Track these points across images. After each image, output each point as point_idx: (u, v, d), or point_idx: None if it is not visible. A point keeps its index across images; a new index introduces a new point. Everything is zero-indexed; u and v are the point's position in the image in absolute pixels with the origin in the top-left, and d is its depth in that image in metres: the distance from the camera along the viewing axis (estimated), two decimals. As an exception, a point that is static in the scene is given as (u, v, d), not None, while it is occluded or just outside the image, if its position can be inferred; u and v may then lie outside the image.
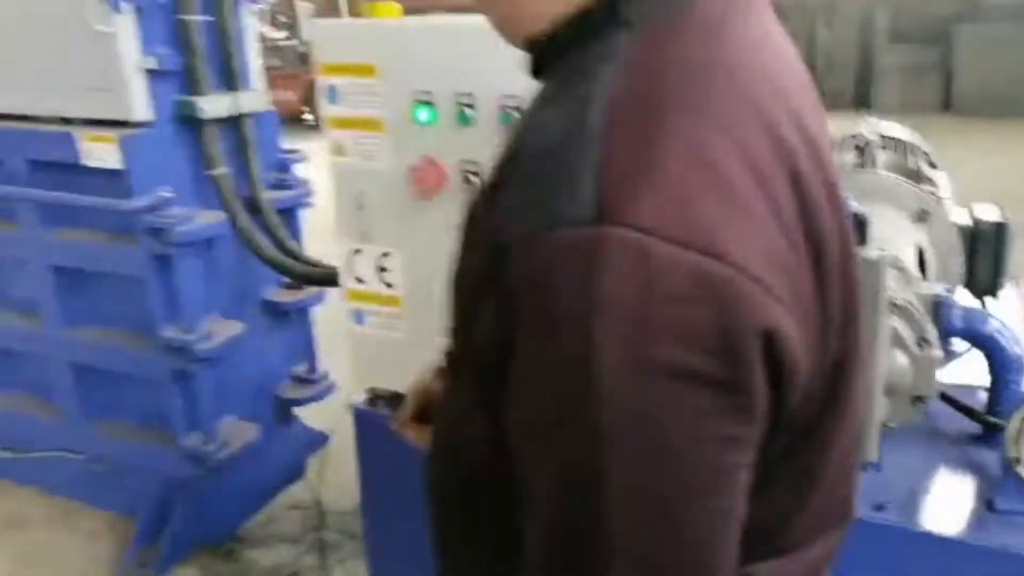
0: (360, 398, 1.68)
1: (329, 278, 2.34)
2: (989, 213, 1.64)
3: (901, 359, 1.23)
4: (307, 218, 2.70)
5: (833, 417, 0.61)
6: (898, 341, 1.22)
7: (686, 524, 0.50)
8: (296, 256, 2.46)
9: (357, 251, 1.51)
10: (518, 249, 0.49)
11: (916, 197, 1.53)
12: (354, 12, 5.96)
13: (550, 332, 0.47)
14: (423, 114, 1.32)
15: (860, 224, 1.14)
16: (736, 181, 0.49)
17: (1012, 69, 10.30)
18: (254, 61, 2.43)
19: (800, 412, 0.55)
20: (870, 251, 1.08)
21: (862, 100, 11.04)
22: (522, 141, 0.57)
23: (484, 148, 1.28)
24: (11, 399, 2.76)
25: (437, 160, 1.34)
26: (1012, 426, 1.22)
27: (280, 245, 2.45)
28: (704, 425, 0.48)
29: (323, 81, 1.39)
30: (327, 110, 1.41)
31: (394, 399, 1.58)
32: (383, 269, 1.49)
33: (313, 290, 2.70)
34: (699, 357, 0.46)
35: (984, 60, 10.50)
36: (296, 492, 2.88)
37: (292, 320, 2.75)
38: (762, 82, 0.55)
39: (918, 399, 1.24)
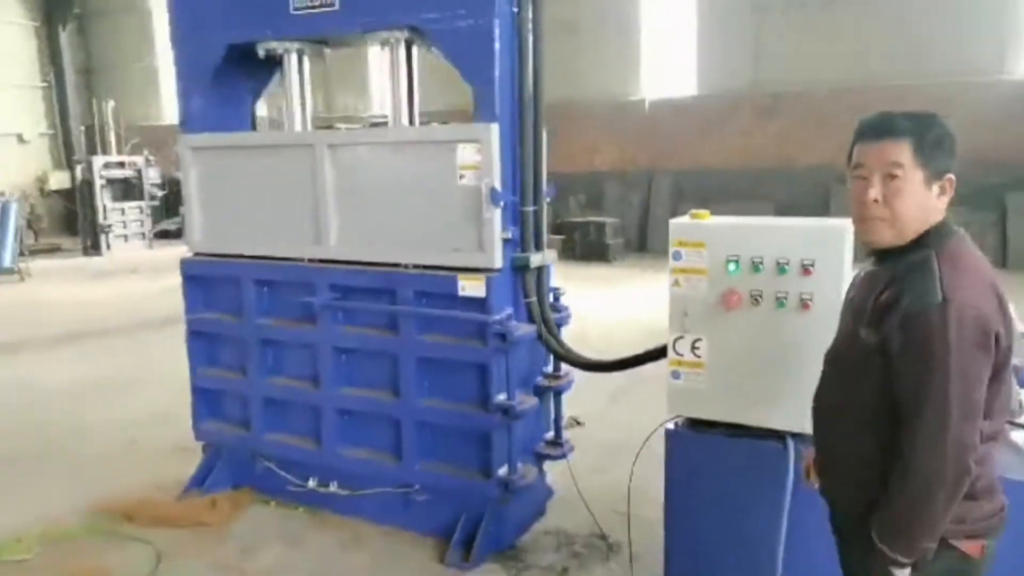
0: (671, 425, 2.95)
1: (593, 366, 3.70)
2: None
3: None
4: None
5: (1006, 366, 1.87)
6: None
7: (976, 390, 1.77)
8: (572, 352, 3.80)
9: (680, 339, 2.84)
10: (926, 312, 1.77)
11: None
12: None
13: (937, 332, 1.76)
14: (731, 267, 2.69)
15: None
16: (981, 295, 1.79)
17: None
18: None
19: (998, 360, 1.82)
20: None
21: (922, 255, 12.31)
22: (903, 281, 1.85)
23: (769, 286, 2.64)
24: (359, 450, 4.07)
25: (737, 290, 2.69)
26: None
27: (559, 347, 3.81)
28: (978, 366, 1.77)
29: (675, 250, 2.78)
30: (673, 264, 2.80)
31: (705, 424, 2.84)
32: (695, 348, 2.81)
33: (565, 380, 4.02)
34: (979, 343, 1.76)
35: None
36: (541, 524, 4.08)
37: (550, 399, 4.05)
38: (983, 265, 1.88)
39: None
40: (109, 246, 16.13)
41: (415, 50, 3.95)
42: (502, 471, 3.69)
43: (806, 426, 2.63)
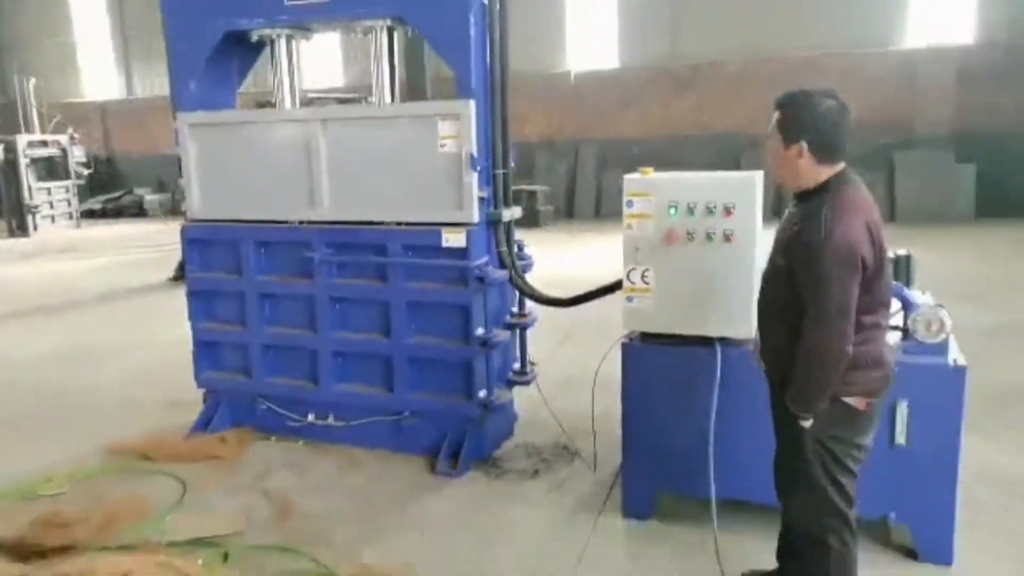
0: (628, 339, 3.69)
1: (554, 302, 4.42)
2: (902, 252, 3.75)
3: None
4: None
5: (879, 277, 2.63)
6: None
7: (848, 296, 2.52)
8: (537, 292, 4.52)
9: (632, 270, 3.57)
10: (813, 244, 2.52)
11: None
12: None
13: (820, 257, 2.52)
14: (672, 211, 3.42)
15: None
16: (856, 233, 2.52)
17: (939, 187, 12.94)
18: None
19: (868, 274, 2.57)
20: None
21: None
22: (803, 221, 2.61)
23: (700, 225, 3.39)
24: (354, 386, 4.69)
25: (676, 229, 3.43)
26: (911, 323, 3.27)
27: (527, 287, 4.52)
28: (849, 281, 2.52)
29: (628, 199, 3.50)
30: (627, 212, 3.51)
31: (653, 337, 3.59)
32: (644, 277, 3.55)
33: (529, 317, 4.72)
34: (855, 257, 2.51)
35: (917, 179, 13.15)
36: (511, 441, 4.80)
37: (516, 334, 4.76)
38: (864, 206, 2.63)
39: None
40: (36, 227, 15.94)
41: (395, 35, 4.54)
42: (482, 393, 4.39)
43: (729, 332, 3.44)
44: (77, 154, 16.87)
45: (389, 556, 3.58)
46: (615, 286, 3.93)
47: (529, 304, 4.70)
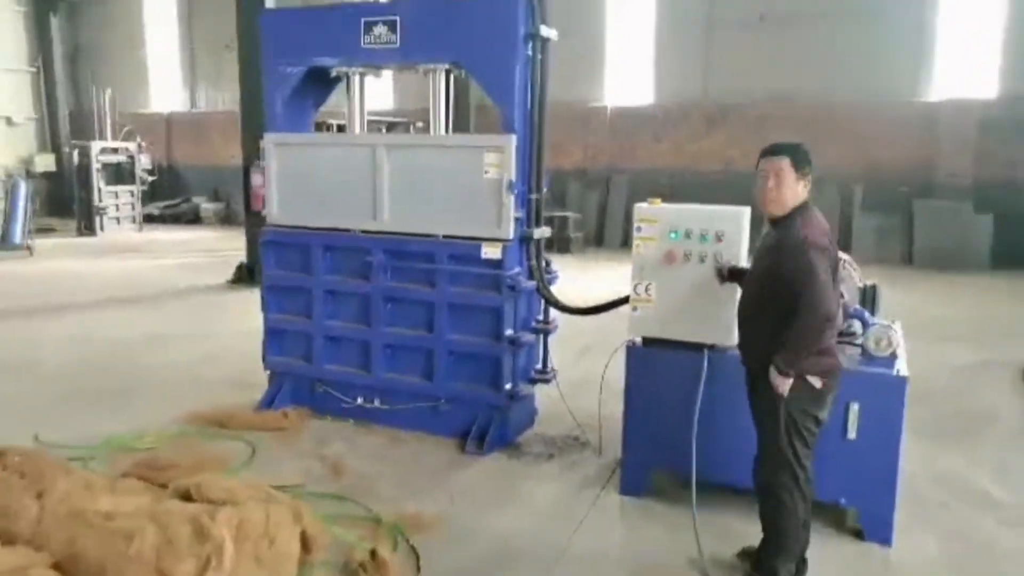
0: (632, 343, 4.42)
1: (573, 310, 5.18)
2: (870, 283, 4.45)
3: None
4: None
5: (834, 274, 3.40)
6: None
7: (827, 275, 3.30)
8: (559, 301, 5.27)
9: (638, 284, 4.32)
10: (797, 243, 3.31)
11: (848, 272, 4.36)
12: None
13: (804, 251, 3.29)
14: (672, 236, 4.17)
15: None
16: (820, 235, 3.33)
17: (956, 235, 13.48)
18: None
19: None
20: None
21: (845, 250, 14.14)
22: (786, 231, 3.39)
23: (695, 248, 4.13)
24: (399, 374, 5.47)
25: (675, 251, 4.17)
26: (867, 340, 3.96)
27: (551, 297, 5.28)
28: (825, 266, 3.30)
29: (637, 225, 4.25)
30: (636, 235, 4.27)
31: (653, 342, 4.32)
32: (648, 290, 4.29)
33: (552, 325, 5.47)
34: (820, 249, 3.29)
35: (936, 226, 13.69)
36: (531, 431, 5.53)
37: (540, 339, 5.51)
38: (821, 222, 3.41)
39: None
40: (103, 227, 17.11)
41: (451, 76, 5.38)
42: (508, 386, 5.14)
43: (716, 340, 4.16)
44: (144, 161, 18.07)
45: (424, 509, 4.33)
46: (625, 300, 4.68)
47: (553, 314, 5.45)
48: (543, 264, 5.31)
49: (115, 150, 17.73)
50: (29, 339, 8.23)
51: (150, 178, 18.41)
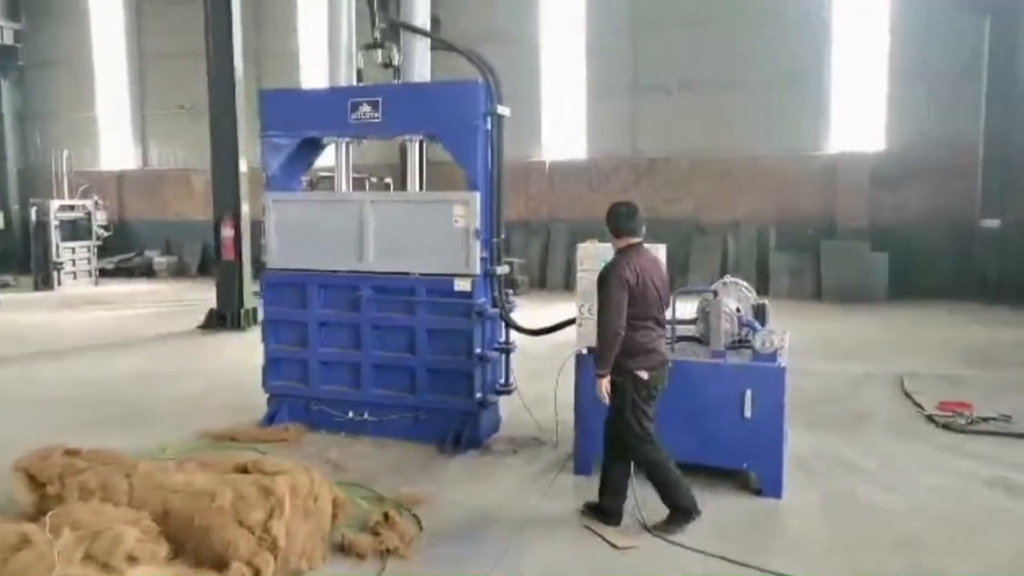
0: (579, 351, 5.58)
1: (529, 331, 6.35)
2: (757, 301, 5.74)
3: (727, 324, 5.28)
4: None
5: (644, 298, 4.67)
6: (728, 319, 5.27)
7: (619, 301, 4.57)
8: (517, 324, 6.43)
9: (582, 305, 5.50)
10: (602, 275, 4.65)
11: (744, 294, 5.63)
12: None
13: (603, 287, 4.58)
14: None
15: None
16: (630, 270, 4.61)
17: (857, 272, 15.21)
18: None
19: (635, 293, 4.62)
20: (728, 302, 5.16)
21: (761, 290, 15.73)
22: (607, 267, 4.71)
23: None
24: (386, 390, 6.50)
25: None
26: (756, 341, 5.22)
27: (510, 321, 6.43)
28: (620, 295, 4.56)
29: (580, 259, 5.45)
30: (579, 267, 5.46)
31: (592, 349, 5.49)
32: (589, 310, 5.48)
33: (512, 345, 6.60)
34: (622, 282, 4.57)
35: (839, 264, 15.41)
36: (497, 436, 6.61)
37: (503, 358, 6.63)
38: (637, 259, 4.70)
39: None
40: (60, 282, 17.60)
41: (424, 144, 6.57)
42: (478, 395, 6.23)
43: (645, 345, 5.34)
44: (100, 218, 18.68)
45: (417, 491, 5.36)
46: (571, 321, 5.85)
47: (512, 336, 6.59)
48: (504, 295, 6.47)
49: (72, 207, 18.32)
50: (31, 380, 8.96)
51: (106, 233, 18.99)
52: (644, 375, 4.67)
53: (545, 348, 6.65)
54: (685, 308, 5.81)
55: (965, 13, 14.82)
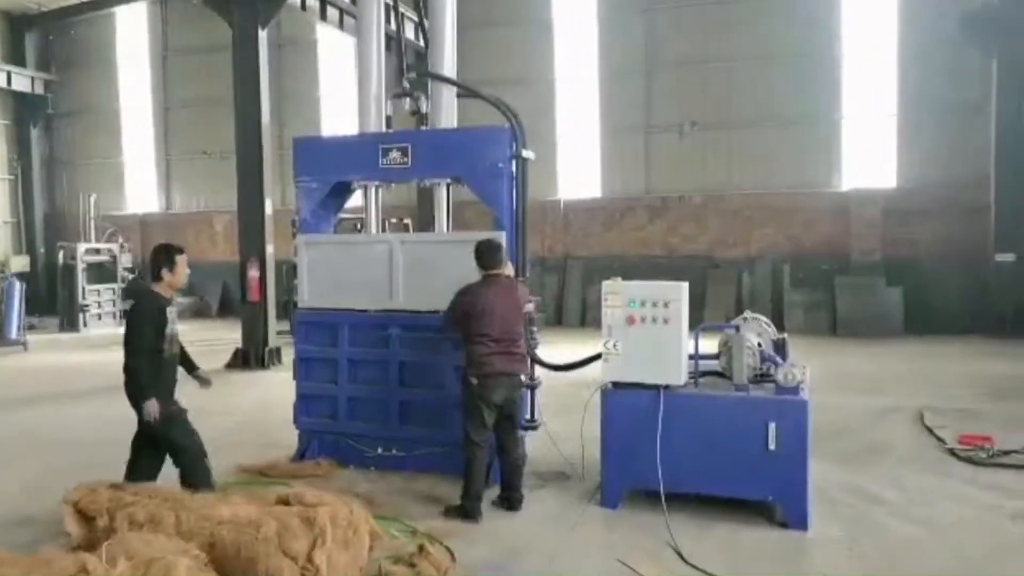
0: (606, 386, 5.73)
1: (555, 367, 6.51)
2: (777, 335, 5.89)
3: (749, 358, 5.43)
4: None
5: (480, 319, 5.33)
6: (751, 353, 5.42)
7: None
8: (543, 360, 6.59)
9: (607, 340, 5.67)
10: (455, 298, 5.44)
11: (764, 329, 5.79)
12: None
13: (453, 298, 4.71)
14: (632, 304, 5.56)
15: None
16: (471, 296, 5.41)
17: (872, 306, 15.31)
18: (528, 292, 6.73)
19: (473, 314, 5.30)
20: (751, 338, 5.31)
21: (776, 326, 15.84)
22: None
23: (650, 313, 5.53)
24: (414, 427, 6.66)
25: (635, 315, 5.55)
26: (778, 375, 5.36)
27: (536, 356, 6.59)
28: (448, 315, 4.70)
29: (604, 296, 5.64)
30: (604, 304, 5.65)
31: (621, 385, 5.65)
32: (615, 346, 5.65)
33: (538, 381, 6.76)
34: (460, 303, 5.03)
35: (854, 299, 15.53)
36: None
37: (529, 393, 6.78)
38: (487, 288, 5.37)
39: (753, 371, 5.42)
40: (86, 324, 17.93)
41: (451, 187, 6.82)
42: (506, 429, 6.37)
43: (668, 381, 5.50)
44: (125, 261, 19.08)
45: (448, 524, 5.49)
46: (597, 356, 6.02)
47: (538, 371, 6.75)
48: (530, 332, 6.64)
49: (98, 250, 18.74)
50: (62, 422, 9.18)
51: (130, 276, 19.37)
52: (474, 380, 5.49)
53: (569, 384, 6.81)
54: (707, 344, 5.97)
55: (973, 53, 15.13)
